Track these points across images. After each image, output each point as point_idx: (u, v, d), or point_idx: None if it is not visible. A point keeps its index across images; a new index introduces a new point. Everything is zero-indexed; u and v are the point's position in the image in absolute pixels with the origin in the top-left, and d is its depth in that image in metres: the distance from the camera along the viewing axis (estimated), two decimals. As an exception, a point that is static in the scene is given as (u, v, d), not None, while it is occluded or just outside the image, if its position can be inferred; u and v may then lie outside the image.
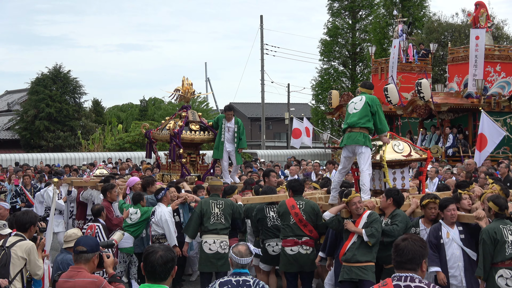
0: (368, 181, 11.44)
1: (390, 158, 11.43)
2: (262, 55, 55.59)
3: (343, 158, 11.89)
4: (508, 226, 9.12)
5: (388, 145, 11.54)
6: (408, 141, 12.10)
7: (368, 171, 11.37)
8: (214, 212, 11.58)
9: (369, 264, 9.98)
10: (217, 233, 11.59)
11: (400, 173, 11.69)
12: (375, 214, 10.22)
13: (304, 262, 11.27)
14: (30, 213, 9.05)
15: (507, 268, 8.96)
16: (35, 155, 42.67)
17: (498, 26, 45.90)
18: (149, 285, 5.42)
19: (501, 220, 9.17)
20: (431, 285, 5.06)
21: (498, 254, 8.96)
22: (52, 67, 55.75)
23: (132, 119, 66.17)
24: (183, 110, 15.77)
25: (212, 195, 12.00)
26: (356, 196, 10.34)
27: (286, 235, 11.32)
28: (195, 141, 15.45)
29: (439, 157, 24.92)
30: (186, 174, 15.03)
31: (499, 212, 9.22)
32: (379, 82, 32.92)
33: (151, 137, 16.03)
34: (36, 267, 8.39)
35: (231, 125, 15.17)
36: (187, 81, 15.92)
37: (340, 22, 54.33)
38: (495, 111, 26.63)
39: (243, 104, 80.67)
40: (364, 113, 11.45)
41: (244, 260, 6.68)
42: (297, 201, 11.38)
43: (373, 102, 11.50)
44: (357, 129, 11.44)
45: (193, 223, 11.69)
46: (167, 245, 5.82)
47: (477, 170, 17.25)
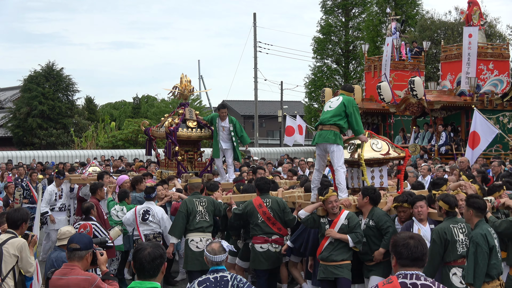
0: (344, 179, 11.55)
1: (368, 156, 11.46)
2: (255, 53, 55.57)
3: (317, 156, 12.07)
4: (459, 224, 9.09)
5: (367, 143, 11.58)
6: (387, 140, 12.15)
7: (342, 169, 11.47)
8: (199, 210, 11.62)
9: (345, 263, 10.05)
10: (203, 231, 11.65)
11: (379, 172, 11.73)
12: (355, 217, 10.24)
13: (274, 259, 11.44)
14: (22, 210, 9.02)
15: (459, 266, 8.96)
16: (27, 153, 42.54)
17: (491, 24, 46.00)
18: (140, 282, 5.44)
19: (451, 219, 9.15)
20: (436, 283, 5.06)
21: (451, 253, 8.93)
22: (45, 65, 55.60)
23: (125, 116, 66.10)
24: (181, 108, 15.77)
25: (193, 193, 12.00)
26: (333, 195, 10.33)
27: (255, 233, 11.45)
28: (192, 138, 15.46)
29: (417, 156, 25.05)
30: (182, 171, 15.04)
31: (449, 210, 9.20)
32: (372, 80, 33.01)
33: (150, 134, 16.04)
34: (28, 264, 8.38)
35: (226, 124, 15.16)
36: (185, 79, 15.90)
37: (333, 20, 54.36)
38: (488, 109, 26.70)
39: (236, 102, 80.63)
40: (337, 111, 11.58)
41: (218, 258, 6.77)
42: (263, 200, 11.51)
43: (350, 103, 11.61)
44: (328, 126, 11.57)
45: (179, 223, 11.64)
46: (156, 242, 5.82)
47: (470, 168, 17.27)
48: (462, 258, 8.94)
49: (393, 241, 5.28)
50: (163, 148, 16.14)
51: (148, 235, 12.23)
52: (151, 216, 12.23)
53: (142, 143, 45.84)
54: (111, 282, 6.78)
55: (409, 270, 5.11)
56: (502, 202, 10.37)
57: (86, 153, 42.63)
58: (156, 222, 12.20)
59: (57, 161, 37.01)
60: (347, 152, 11.78)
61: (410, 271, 5.10)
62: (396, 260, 5.21)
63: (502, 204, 10.35)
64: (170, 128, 15.06)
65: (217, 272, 6.70)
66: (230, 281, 6.61)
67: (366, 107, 30.91)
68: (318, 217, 10.50)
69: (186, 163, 15.52)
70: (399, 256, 5.18)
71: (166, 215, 12.32)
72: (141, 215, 12.29)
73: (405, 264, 5.14)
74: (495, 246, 8.52)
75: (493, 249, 8.45)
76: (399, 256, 5.17)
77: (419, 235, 5.32)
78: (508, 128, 27.27)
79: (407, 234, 5.30)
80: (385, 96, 28.51)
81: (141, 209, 12.35)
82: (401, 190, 11.85)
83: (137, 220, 12.26)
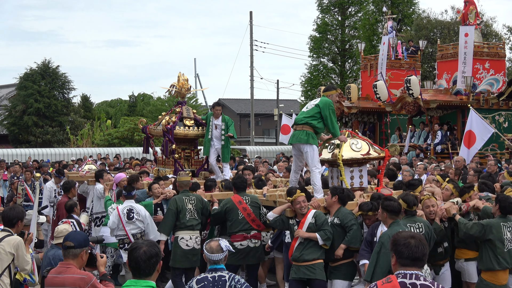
0: (319, 179, 11.62)
1: (348, 156, 11.46)
2: (251, 51, 55.55)
3: (294, 157, 12.24)
4: (417, 224, 9.12)
5: (346, 143, 11.58)
6: (367, 140, 12.14)
7: (317, 169, 11.56)
8: (188, 208, 11.64)
9: (317, 262, 9.99)
10: (193, 229, 11.67)
11: (358, 172, 11.71)
12: (322, 215, 10.20)
13: (254, 255, 11.51)
14: (17, 208, 9.00)
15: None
16: (23, 150, 42.51)
17: (487, 23, 46.03)
18: (135, 281, 5.43)
19: (410, 218, 9.17)
20: (435, 283, 5.04)
21: None
22: (40, 62, 55.57)
23: (121, 114, 66.03)
24: (178, 106, 15.80)
25: (182, 191, 12.01)
26: (301, 195, 10.30)
27: (233, 231, 11.50)
28: (189, 137, 15.48)
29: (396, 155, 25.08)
30: (179, 169, 15.05)
31: (407, 209, 9.21)
32: (368, 79, 33.01)
33: (148, 132, 16.05)
34: (24, 262, 8.35)
35: (219, 123, 15.17)
36: (182, 77, 15.91)
37: (329, 19, 54.38)
38: (484, 108, 26.74)
39: (232, 100, 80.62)
40: (311, 112, 11.70)
41: (215, 256, 6.77)
42: (242, 197, 11.59)
43: (325, 105, 11.68)
44: (300, 126, 11.69)
45: (169, 221, 11.65)
46: (151, 241, 5.80)
47: (466, 167, 17.30)
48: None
49: (394, 240, 5.23)
50: (160, 146, 16.14)
51: (136, 234, 12.09)
52: (135, 214, 12.12)
53: (138, 141, 45.84)
54: (107, 283, 6.78)
55: (409, 269, 5.07)
56: (472, 204, 10.37)
57: (82, 151, 42.62)
58: (141, 220, 12.14)
59: (53, 159, 37.00)
60: (327, 151, 11.80)
61: (409, 270, 5.06)
62: (396, 259, 5.16)
63: (472, 206, 10.36)
64: (167, 126, 15.09)
65: (215, 272, 6.70)
66: (228, 281, 6.61)
67: (362, 106, 30.92)
68: (287, 218, 10.52)
69: (183, 161, 15.54)
70: (399, 255, 5.13)
71: (148, 213, 12.25)
72: (126, 214, 12.14)
73: (405, 263, 5.10)
74: None
75: None
76: (400, 255, 5.13)
77: (420, 235, 5.26)
78: (504, 127, 27.30)
79: (408, 233, 5.26)
80: (381, 95, 28.53)
81: (124, 208, 12.21)
82: (380, 187, 11.90)
83: (122, 220, 12.12)
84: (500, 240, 9.32)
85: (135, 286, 5.39)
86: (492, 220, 9.51)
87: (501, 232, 9.34)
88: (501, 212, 9.46)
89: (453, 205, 10.06)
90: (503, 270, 9.40)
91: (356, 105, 30.57)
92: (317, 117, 11.63)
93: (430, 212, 9.91)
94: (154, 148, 16.54)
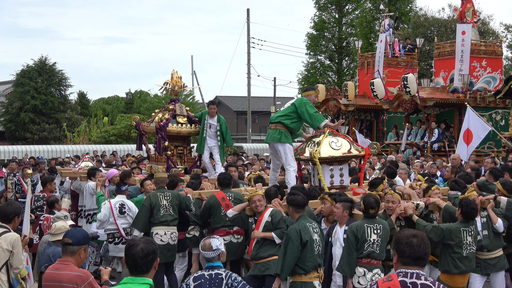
0: (293, 178, 11.71)
1: (327, 154, 11.46)
2: (248, 49, 55.50)
3: (271, 156, 12.43)
4: (376, 225, 9.02)
5: (325, 141, 11.58)
6: (348, 138, 12.13)
7: (291, 167, 11.70)
8: (162, 204, 11.59)
9: (272, 259, 9.90)
10: (168, 225, 11.61)
11: (339, 170, 11.71)
12: (279, 212, 10.13)
13: (236, 250, 11.50)
14: (14, 204, 8.97)
15: (361, 266, 8.89)
16: (20, 147, 42.47)
17: (484, 21, 46.11)
18: (132, 278, 5.41)
19: (368, 219, 9.10)
20: (436, 283, 5.01)
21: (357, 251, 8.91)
22: (37, 59, 55.58)
23: (118, 111, 65.97)
24: (171, 103, 15.81)
25: (158, 187, 11.97)
26: (257, 194, 10.34)
27: (216, 226, 11.51)
28: (181, 134, 15.48)
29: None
30: (172, 166, 15.06)
31: (364, 211, 9.14)
32: (365, 77, 33.00)
33: (141, 129, 16.06)
34: (18, 261, 8.28)
35: (214, 122, 15.19)
36: (176, 75, 15.91)
37: (326, 16, 54.43)
38: (481, 106, 26.76)
39: (229, 98, 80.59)
40: (285, 111, 11.86)
41: (208, 254, 6.81)
42: (226, 193, 11.60)
43: (300, 103, 11.80)
44: (274, 125, 11.85)
45: (142, 216, 11.61)
46: (148, 238, 5.80)
47: (463, 165, 17.33)
48: (368, 259, 8.90)
49: (396, 239, 5.19)
50: (153, 143, 16.14)
51: (126, 228, 12.12)
52: (127, 209, 12.16)
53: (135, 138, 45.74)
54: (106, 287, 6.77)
55: (410, 268, 5.03)
56: (432, 201, 10.33)
57: (79, 148, 42.58)
58: (131, 216, 12.13)
59: (49, 156, 36.96)
60: (308, 149, 11.80)
61: (411, 269, 5.03)
62: (398, 257, 5.12)
63: (432, 204, 10.32)
64: (160, 123, 15.08)
65: (212, 269, 6.74)
66: (225, 279, 6.65)
67: (359, 103, 30.94)
68: (246, 216, 10.57)
69: (176, 158, 15.54)
70: (401, 254, 5.09)
71: (136, 208, 12.22)
72: (118, 209, 12.18)
73: (407, 262, 5.06)
74: (310, 241, 8.69)
75: (307, 243, 8.67)
76: (401, 254, 5.09)
77: (423, 234, 5.20)
78: (500, 125, 27.33)
79: (410, 232, 5.19)
80: (378, 92, 28.55)
81: (116, 202, 12.25)
82: (361, 185, 11.94)
83: (114, 214, 12.12)
84: (459, 245, 9.28)
85: (132, 284, 5.38)
86: (452, 224, 9.43)
87: (461, 237, 9.29)
88: (463, 217, 9.40)
89: (411, 205, 9.99)
90: (461, 274, 9.39)
91: (353, 103, 30.59)
92: (291, 116, 11.77)
93: (388, 208, 9.82)
94: (147, 145, 16.53)
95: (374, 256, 8.91)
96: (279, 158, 12.10)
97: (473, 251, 9.44)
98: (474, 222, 9.48)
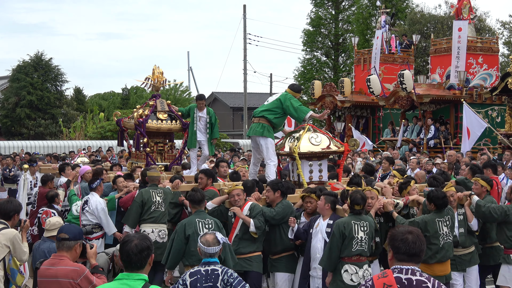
0: (273, 173, 11.74)
1: (306, 150, 11.45)
2: (245, 45, 55.46)
3: (252, 149, 12.44)
4: (362, 222, 9.06)
5: (305, 137, 11.56)
6: (328, 134, 12.12)
7: (272, 162, 11.75)
8: (155, 200, 11.59)
9: (253, 255, 9.98)
10: (155, 222, 11.59)
11: (318, 165, 11.68)
12: (258, 206, 10.16)
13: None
14: (14, 201, 9.01)
15: (352, 263, 8.94)
16: (15, 143, 42.44)
17: (480, 18, 46.14)
18: (127, 274, 5.41)
19: (355, 216, 9.12)
20: (431, 279, 5.02)
21: (345, 249, 8.93)
22: (33, 55, 55.55)
23: (114, 107, 65.86)
24: (152, 99, 15.67)
25: (151, 185, 11.93)
26: (236, 188, 10.29)
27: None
28: (161, 130, 15.32)
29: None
30: (151, 163, 14.95)
31: (350, 206, 9.17)
32: (361, 73, 33.04)
33: (122, 125, 15.95)
34: (22, 253, 8.41)
35: (203, 115, 15.13)
36: (157, 70, 15.82)
37: (323, 13, 54.41)
38: (477, 103, 26.81)
39: (226, 94, 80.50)
40: (270, 106, 11.90)
41: (211, 249, 6.80)
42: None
43: (285, 98, 11.83)
44: (257, 119, 11.90)
45: (133, 212, 11.59)
46: (143, 234, 5.79)
47: (459, 162, 17.35)
48: (358, 256, 8.95)
49: (391, 235, 5.18)
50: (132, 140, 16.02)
51: (85, 225, 11.95)
52: (88, 206, 12.00)
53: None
54: (100, 275, 6.76)
55: (405, 265, 5.04)
56: (411, 198, 10.35)
57: (75, 143, 42.55)
58: (91, 212, 12.02)
59: (45, 152, 36.94)
60: (288, 144, 11.81)
61: (406, 266, 5.03)
62: (393, 254, 5.12)
63: (412, 201, 10.35)
64: (139, 119, 14.96)
65: (208, 265, 6.74)
66: (221, 275, 6.66)
67: (355, 100, 30.94)
68: (226, 209, 10.56)
69: (156, 155, 15.40)
70: (396, 250, 5.09)
71: (101, 206, 11.94)
72: (81, 205, 12.13)
73: (402, 259, 5.06)
74: (192, 235, 9.05)
75: (189, 237, 9.08)
76: (397, 250, 5.09)
77: (418, 230, 5.20)
78: (497, 122, 27.37)
79: (405, 228, 5.19)
80: (374, 89, 28.57)
81: (84, 199, 12.23)
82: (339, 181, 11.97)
83: (80, 210, 12.15)
84: (435, 236, 9.35)
85: (128, 279, 5.38)
86: (427, 216, 9.50)
87: (436, 228, 9.36)
88: (435, 207, 9.46)
89: (391, 201, 10.01)
90: (439, 263, 9.46)
91: (349, 99, 30.59)
92: (275, 111, 11.82)
93: (367, 204, 9.87)
94: (128, 141, 16.44)
95: (363, 254, 9.00)
96: (260, 152, 12.13)
97: (449, 241, 9.51)
98: (449, 212, 9.57)
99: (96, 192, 12.12)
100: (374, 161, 18.87)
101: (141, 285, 5.38)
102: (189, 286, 6.66)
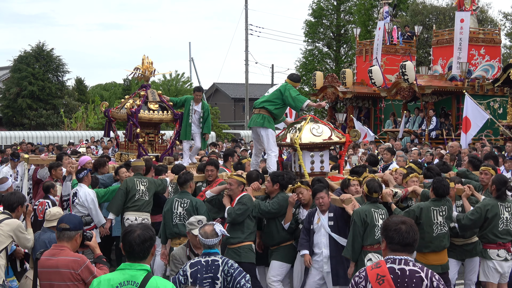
0: (274, 163, 11.74)
1: (307, 141, 11.43)
2: (246, 36, 55.43)
3: (253, 140, 12.52)
4: (380, 210, 9.11)
5: (306, 128, 11.52)
6: (329, 125, 12.08)
7: (272, 153, 11.74)
8: (138, 189, 11.67)
9: (242, 245, 9.94)
10: (138, 210, 11.66)
11: (319, 156, 11.63)
12: (245, 196, 10.09)
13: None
14: (18, 193, 9.15)
15: (375, 252, 8.95)
16: (17, 133, 42.46)
17: (482, 9, 46.00)
18: (129, 264, 5.44)
19: (373, 204, 9.16)
20: (424, 268, 5.02)
21: (368, 237, 8.95)
22: (35, 45, 55.48)
23: (116, 98, 65.87)
24: (142, 89, 15.58)
25: (136, 174, 12.02)
26: (231, 178, 10.33)
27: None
28: (153, 121, 15.24)
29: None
30: (143, 154, 14.90)
31: (368, 194, 9.21)
32: (363, 64, 33.00)
33: (110, 116, 15.85)
34: (26, 240, 8.47)
35: (198, 109, 15.13)
36: (147, 60, 15.76)
37: (325, 3, 54.34)
38: (479, 94, 26.78)
39: (227, 85, 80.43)
40: (270, 97, 11.87)
41: (210, 241, 6.78)
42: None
43: (285, 88, 11.81)
44: (257, 110, 11.89)
45: (117, 200, 11.69)
46: (146, 224, 5.78)
47: (461, 153, 17.31)
48: (379, 244, 8.87)
49: (385, 225, 5.18)
50: (123, 130, 15.88)
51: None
52: (77, 198, 11.92)
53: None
54: (102, 266, 6.77)
55: (399, 255, 5.04)
56: (410, 189, 10.36)
57: (76, 134, 42.55)
58: (81, 204, 11.98)
59: (47, 142, 36.92)
60: (289, 135, 11.80)
61: (399, 256, 5.04)
62: (386, 244, 5.12)
63: (411, 192, 10.36)
64: (131, 109, 14.86)
65: (209, 256, 6.73)
66: (221, 266, 6.65)
67: (357, 91, 30.93)
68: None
69: (147, 146, 15.33)
70: (390, 240, 5.09)
71: (90, 197, 11.86)
72: (71, 198, 12.07)
73: (396, 249, 5.06)
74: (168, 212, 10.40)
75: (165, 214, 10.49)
76: (390, 240, 5.09)
77: (411, 220, 5.22)
78: (498, 113, 27.34)
79: (399, 218, 5.19)
80: (376, 80, 28.54)
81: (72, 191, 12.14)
82: (341, 172, 11.99)
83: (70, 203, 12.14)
84: (429, 224, 9.32)
85: (130, 269, 5.39)
86: (422, 203, 9.52)
87: (430, 216, 9.33)
88: (434, 194, 9.45)
89: (390, 192, 10.00)
90: (433, 252, 9.45)
91: (351, 90, 30.56)
92: (276, 102, 11.79)
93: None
94: (116, 132, 16.37)
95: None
96: (261, 143, 12.12)
97: (444, 231, 9.46)
98: (446, 202, 9.52)
99: (83, 183, 12.03)
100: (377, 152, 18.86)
101: (144, 275, 5.39)
102: (190, 277, 6.66)
